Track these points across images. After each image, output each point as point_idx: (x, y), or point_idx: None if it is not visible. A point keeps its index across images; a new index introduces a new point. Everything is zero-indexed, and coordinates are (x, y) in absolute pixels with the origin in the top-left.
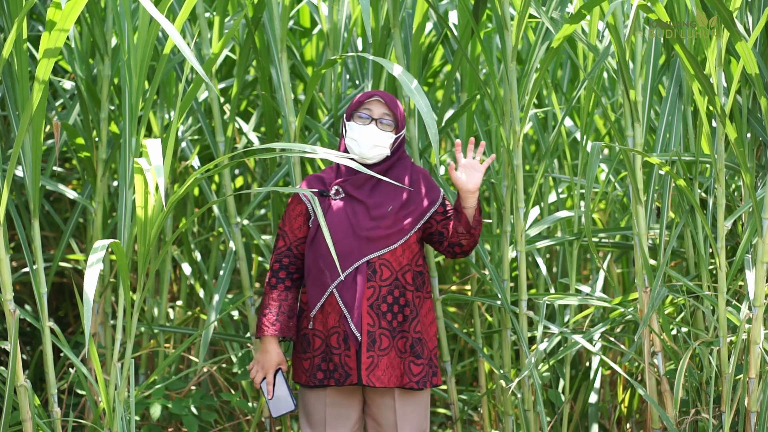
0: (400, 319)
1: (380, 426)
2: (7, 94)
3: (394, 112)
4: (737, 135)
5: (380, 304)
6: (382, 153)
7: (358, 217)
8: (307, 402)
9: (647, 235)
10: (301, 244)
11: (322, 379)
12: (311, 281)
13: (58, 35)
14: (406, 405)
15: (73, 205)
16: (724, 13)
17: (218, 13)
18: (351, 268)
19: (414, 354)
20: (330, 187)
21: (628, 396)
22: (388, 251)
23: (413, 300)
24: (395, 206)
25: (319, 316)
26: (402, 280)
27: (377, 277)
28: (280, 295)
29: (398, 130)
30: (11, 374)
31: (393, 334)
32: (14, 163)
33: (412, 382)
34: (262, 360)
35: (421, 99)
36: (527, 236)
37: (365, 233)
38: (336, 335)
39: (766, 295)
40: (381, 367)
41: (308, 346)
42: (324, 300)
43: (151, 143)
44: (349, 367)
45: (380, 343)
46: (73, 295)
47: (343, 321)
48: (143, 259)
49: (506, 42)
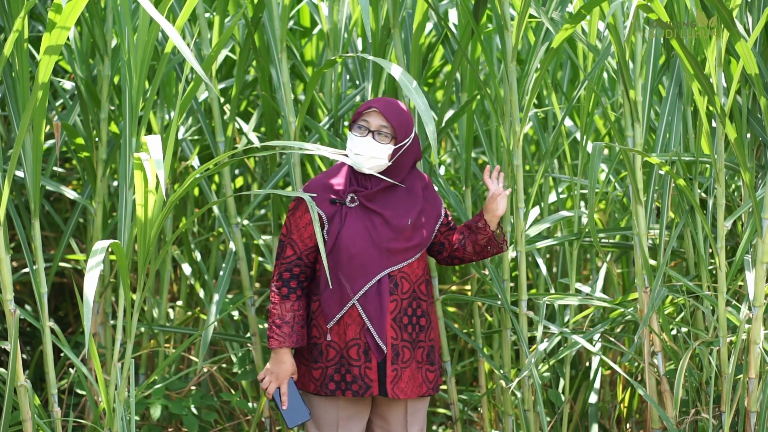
0: (417, 330)
1: (390, 426)
2: (7, 93)
3: (392, 123)
4: (737, 135)
5: (402, 317)
6: (380, 164)
7: (377, 228)
8: (316, 407)
9: (647, 235)
10: (312, 253)
11: (334, 389)
12: (329, 293)
13: (60, 33)
14: (416, 408)
15: (73, 205)
16: (723, 13)
17: (218, 13)
18: (374, 281)
19: (429, 362)
20: (345, 195)
21: (628, 396)
22: (406, 264)
23: (427, 309)
24: (413, 218)
25: (336, 327)
26: (418, 291)
27: (399, 290)
28: (293, 306)
29: (398, 141)
30: (11, 374)
31: (413, 345)
32: (14, 163)
33: (429, 390)
34: (277, 371)
35: (419, 98)
36: (527, 236)
37: (386, 244)
38: (356, 347)
39: (765, 295)
40: (404, 379)
41: (320, 356)
42: (344, 312)
43: (151, 139)
44: (369, 379)
45: (403, 356)
46: (73, 295)
47: (365, 333)
48: (143, 260)
49: (506, 42)
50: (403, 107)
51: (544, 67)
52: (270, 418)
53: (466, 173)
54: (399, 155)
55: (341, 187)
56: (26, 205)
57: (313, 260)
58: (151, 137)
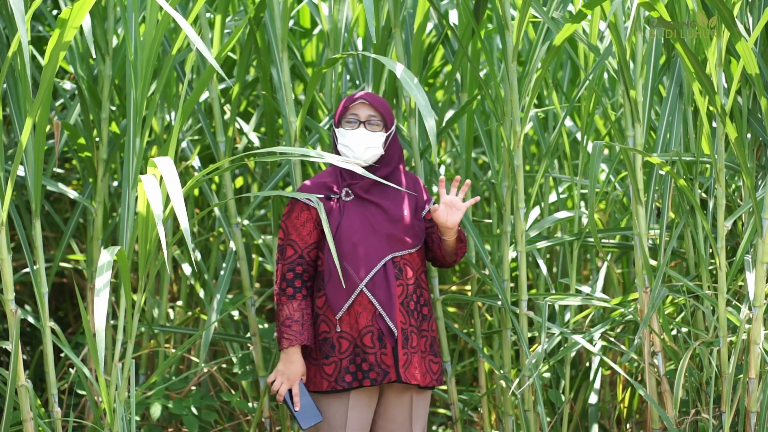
0: (421, 318)
1: (394, 423)
2: (9, 93)
3: (380, 111)
4: (737, 135)
5: (408, 302)
6: (376, 153)
7: (376, 217)
8: (325, 408)
9: (647, 235)
10: (313, 249)
11: (351, 381)
12: (333, 284)
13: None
14: (419, 402)
15: (73, 205)
16: (724, 12)
17: (219, 13)
18: (379, 265)
19: (433, 353)
20: (339, 190)
21: (628, 396)
22: (407, 253)
23: (429, 299)
24: (410, 210)
25: (346, 318)
26: (420, 279)
27: (403, 275)
28: (300, 305)
29: (387, 128)
30: (12, 374)
31: (419, 332)
32: (17, 164)
33: (434, 380)
34: (288, 371)
35: (420, 94)
36: (528, 236)
37: (386, 231)
38: (370, 334)
39: (766, 296)
40: (414, 365)
41: (332, 350)
42: (353, 300)
43: (162, 164)
44: (386, 365)
45: (411, 341)
46: (73, 294)
47: (378, 319)
48: (144, 261)
49: (507, 42)
50: (383, 98)
51: (545, 66)
52: (270, 418)
53: (467, 173)
54: (388, 145)
55: (334, 185)
56: (26, 205)
57: (314, 257)
58: (162, 161)
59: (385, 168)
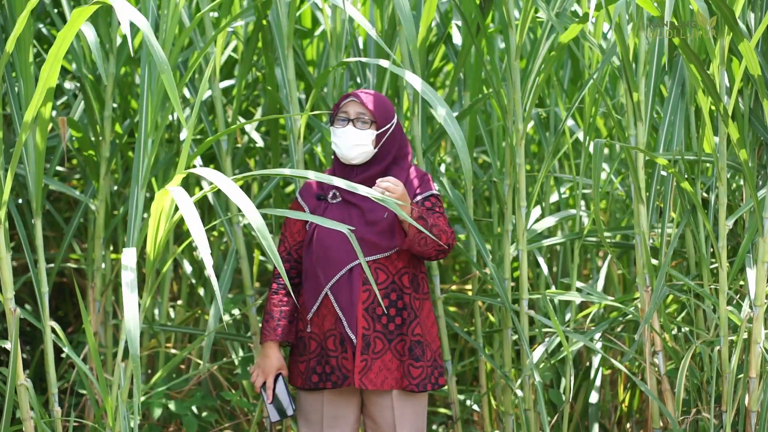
0: (398, 323)
1: (378, 426)
2: (9, 91)
3: (369, 109)
4: (739, 135)
5: (375, 307)
6: (365, 151)
7: (353, 220)
8: (304, 403)
9: (649, 235)
10: (300, 248)
11: (317, 382)
12: (307, 284)
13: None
14: (404, 406)
15: (71, 204)
16: (726, 12)
17: (223, 14)
18: (343, 271)
19: (413, 357)
20: (327, 192)
21: (629, 396)
22: (382, 257)
23: (411, 303)
24: (390, 214)
25: (315, 319)
26: (399, 283)
27: (375, 280)
28: (280, 300)
29: (379, 126)
30: (12, 373)
31: (390, 337)
32: (16, 160)
33: (412, 385)
34: (263, 364)
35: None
36: (531, 233)
37: (358, 235)
38: (332, 338)
39: (767, 295)
40: (374, 370)
41: (304, 349)
42: (319, 302)
43: (178, 195)
44: (346, 369)
45: (374, 347)
46: (73, 294)
47: (339, 324)
48: (152, 264)
49: (510, 40)
50: (381, 95)
51: (548, 65)
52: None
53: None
54: (384, 142)
55: (329, 185)
56: (28, 203)
57: (301, 255)
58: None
59: (376, 166)
